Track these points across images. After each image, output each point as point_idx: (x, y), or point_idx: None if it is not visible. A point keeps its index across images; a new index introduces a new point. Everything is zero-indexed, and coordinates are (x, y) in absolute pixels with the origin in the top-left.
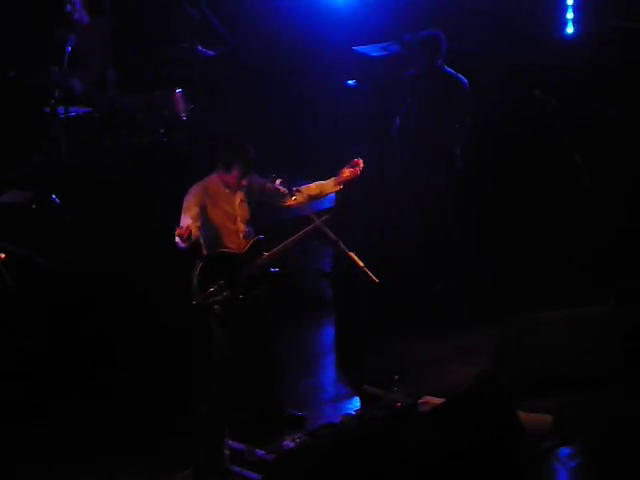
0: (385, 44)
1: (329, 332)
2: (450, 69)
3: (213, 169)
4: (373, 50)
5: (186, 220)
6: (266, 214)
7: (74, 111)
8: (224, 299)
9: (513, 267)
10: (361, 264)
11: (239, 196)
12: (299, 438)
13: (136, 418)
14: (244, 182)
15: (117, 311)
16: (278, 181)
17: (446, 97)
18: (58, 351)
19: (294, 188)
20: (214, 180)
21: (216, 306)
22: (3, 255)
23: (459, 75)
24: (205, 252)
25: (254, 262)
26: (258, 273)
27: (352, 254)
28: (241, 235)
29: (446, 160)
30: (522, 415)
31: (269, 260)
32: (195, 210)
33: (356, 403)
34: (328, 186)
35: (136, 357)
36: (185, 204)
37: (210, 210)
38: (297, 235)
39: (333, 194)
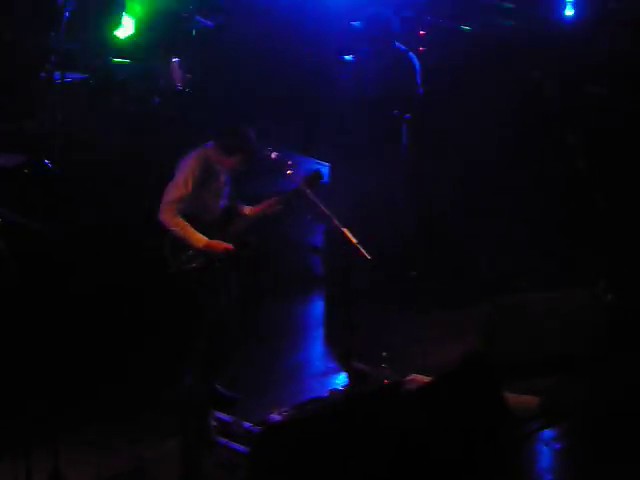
0: None
1: (319, 307)
2: (402, 46)
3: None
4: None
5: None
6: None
7: (70, 77)
8: (201, 265)
9: (505, 249)
10: (354, 241)
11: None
12: (286, 411)
13: (121, 390)
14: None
15: (106, 280)
16: (274, 154)
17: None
18: (46, 319)
19: (289, 162)
20: (210, 153)
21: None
22: None
23: (410, 53)
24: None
25: (228, 229)
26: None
27: (346, 230)
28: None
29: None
30: (508, 396)
31: (243, 227)
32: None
33: (344, 379)
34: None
35: (122, 327)
36: (189, 169)
37: (204, 183)
38: (270, 202)
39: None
